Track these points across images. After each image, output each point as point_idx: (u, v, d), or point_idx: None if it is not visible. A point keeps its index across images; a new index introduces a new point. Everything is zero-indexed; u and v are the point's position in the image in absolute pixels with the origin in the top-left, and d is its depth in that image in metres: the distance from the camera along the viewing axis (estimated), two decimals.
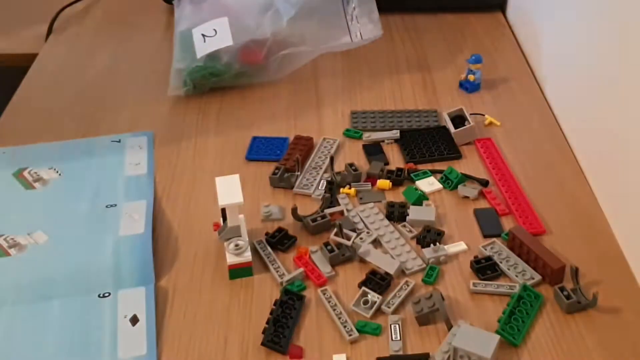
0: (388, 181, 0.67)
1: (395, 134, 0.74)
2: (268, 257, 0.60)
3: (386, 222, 0.63)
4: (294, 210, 0.62)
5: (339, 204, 0.65)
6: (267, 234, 0.62)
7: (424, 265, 0.59)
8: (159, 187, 0.69)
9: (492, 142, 0.74)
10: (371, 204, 0.65)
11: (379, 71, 0.87)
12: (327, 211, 0.64)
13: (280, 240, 0.61)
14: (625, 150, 0.62)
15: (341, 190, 0.67)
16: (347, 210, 0.65)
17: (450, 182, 0.67)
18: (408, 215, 0.64)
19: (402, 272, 0.59)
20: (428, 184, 0.68)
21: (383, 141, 0.74)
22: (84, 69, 0.89)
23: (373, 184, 0.68)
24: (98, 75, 0.88)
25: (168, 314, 0.56)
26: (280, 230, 0.62)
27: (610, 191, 0.65)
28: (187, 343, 0.54)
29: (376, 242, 0.62)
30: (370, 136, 0.74)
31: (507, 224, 0.64)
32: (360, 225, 0.63)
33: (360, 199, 0.66)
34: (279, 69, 0.84)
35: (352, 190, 0.67)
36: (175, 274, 0.59)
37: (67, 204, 0.67)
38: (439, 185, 0.67)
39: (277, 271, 0.59)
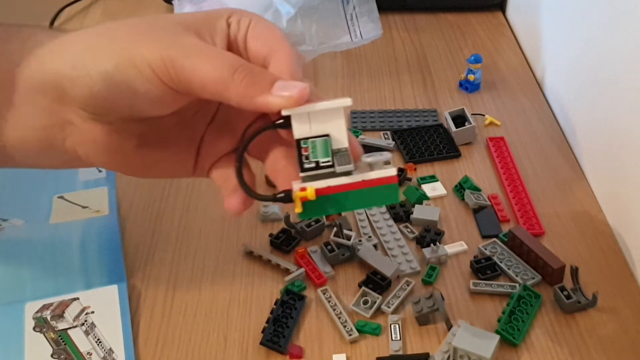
0: None
1: (390, 144, 0.73)
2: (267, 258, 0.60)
3: (391, 222, 0.63)
4: (287, 219, 0.62)
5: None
6: (270, 235, 0.62)
7: (418, 269, 0.59)
8: (158, 187, 0.69)
9: (505, 141, 0.73)
10: None
11: (379, 71, 0.87)
12: None
13: (284, 242, 0.61)
14: (625, 150, 0.62)
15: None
16: None
17: (463, 190, 0.67)
18: (412, 214, 0.64)
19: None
20: (432, 189, 0.67)
21: (380, 148, 0.73)
22: None
23: None
24: None
25: (168, 314, 0.56)
26: (284, 231, 0.62)
27: (610, 191, 0.65)
28: (187, 342, 0.54)
29: (378, 242, 0.62)
30: (364, 139, 0.74)
31: (507, 224, 0.64)
32: (365, 224, 0.63)
33: None
34: None
35: None
36: (174, 274, 0.59)
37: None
38: (443, 191, 0.67)
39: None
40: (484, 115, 0.78)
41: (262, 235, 0.63)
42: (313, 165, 0.42)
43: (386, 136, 0.75)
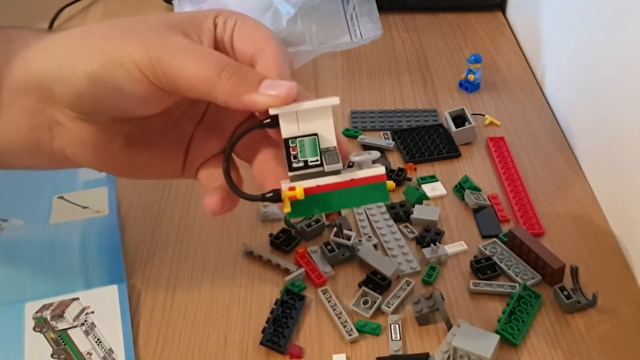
0: (392, 182, 0.67)
1: (390, 144, 0.73)
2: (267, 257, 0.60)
3: (391, 222, 0.63)
4: (287, 219, 0.62)
5: None
6: (270, 235, 0.62)
7: (418, 269, 0.59)
8: (158, 187, 0.69)
9: (505, 141, 0.73)
10: (380, 203, 0.65)
11: (379, 71, 0.87)
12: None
13: (284, 242, 0.61)
14: (625, 150, 0.62)
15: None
16: (356, 208, 0.64)
17: (463, 190, 0.67)
18: (412, 214, 0.64)
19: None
20: (432, 189, 0.67)
21: (380, 148, 0.73)
22: None
23: None
24: None
25: (168, 314, 0.56)
26: (284, 231, 0.62)
27: (610, 191, 0.65)
28: (187, 342, 0.54)
29: (378, 242, 0.62)
30: (364, 139, 0.74)
31: (507, 224, 0.64)
32: (365, 224, 0.63)
33: None
34: None
35: (392, 183, 0.67)
36: (174, 274, 0.59)
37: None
38: (443, 191, 0.67)
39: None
40: (484, 115, 0.78)
41: (262, 235, 0.63)
42: (301, 164, 0.42)
43: (386, 136, 0.75)
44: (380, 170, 0.43)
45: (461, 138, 0.74)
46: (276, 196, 0.42)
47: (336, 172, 0.42)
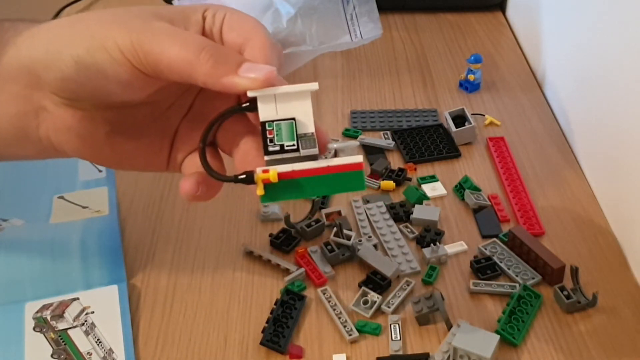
0: (392, 182, 0.67)
1: (390, 144, 0.73)
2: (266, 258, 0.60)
3: (391, 222, 0.63)
4: (287, 219, 0.62)
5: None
6: (270, 235, 0.62)
7: (418, 269, 0.59)
8: (158, 187, 0.69)
9: (505, 141, 0.74)
10: (380, 202, 0.65)
11: (379, 71, 0.88)
12: (325, 212, 0.64)
13: (284, 242, 0.61)
14: (625, 150, 0.62)
15: (381, 183, 0.67)
16: (356, 207, 0.65)
17: (463, 190, 0.67)
18: (412, 214, 0.64)
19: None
20: (432, 189, 0.67)
21: (380, 148, 0.73)
22: None
23: (376, 179, 0.68)
24: None
25: (168, 314, 0.56)
26: (284, 231, 0.62)
27: (610, 191, 0.65)
28: (187, 342, 0.54)
29: (378, 242, 0.62)
30: (364, 139, 0.74)
31: (507, 224, 0.64)
32: (365, 224, 0.63)
33: (367, 201, 0.66)
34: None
35: (392, 183, 0.67)
36: (174, 274, 0.59)
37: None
38: (443, 191, 0.67)
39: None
40: (484, 115, 0.78)
41: (262, 235, 0.63)
42: (278, 148, 0.42)
43: (386, 136, 0.75)
44: (357, 158, 0.42)
45: (461, 138, 0.74)
46: (249, 178, 0.42)
47: (312, 158, 0.42)
